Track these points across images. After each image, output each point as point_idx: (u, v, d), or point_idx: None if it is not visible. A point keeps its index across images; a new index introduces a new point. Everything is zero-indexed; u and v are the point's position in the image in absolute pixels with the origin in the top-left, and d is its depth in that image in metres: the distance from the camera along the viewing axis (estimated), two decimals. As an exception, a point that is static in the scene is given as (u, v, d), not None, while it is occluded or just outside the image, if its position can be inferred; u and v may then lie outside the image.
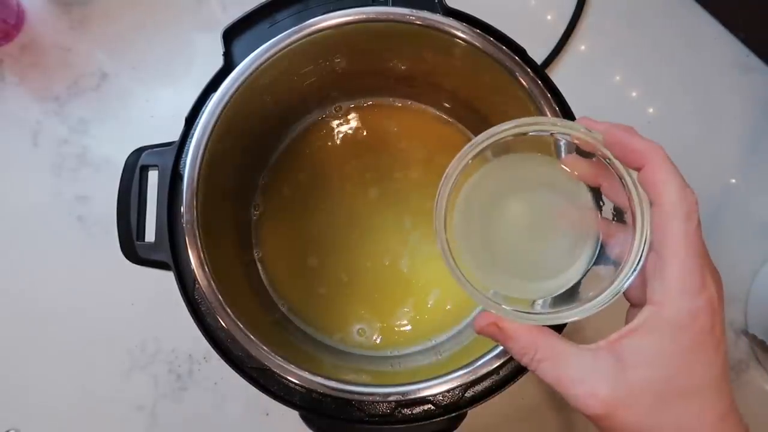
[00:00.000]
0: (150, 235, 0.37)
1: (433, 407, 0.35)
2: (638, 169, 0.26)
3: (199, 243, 0.35)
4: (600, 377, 0.24)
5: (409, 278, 0.46)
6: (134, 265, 0.37)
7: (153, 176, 0.37)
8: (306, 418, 0.35)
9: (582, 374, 0.24)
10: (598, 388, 0.24)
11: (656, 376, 0.24)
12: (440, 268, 0.46)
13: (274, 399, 0.35)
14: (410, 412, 0.35)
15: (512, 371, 0.35)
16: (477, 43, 0.37)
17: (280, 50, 0.37)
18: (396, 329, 0.45)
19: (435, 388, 0.34)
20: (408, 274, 0.46)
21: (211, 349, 0.35)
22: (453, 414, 0.35)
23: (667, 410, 0.23)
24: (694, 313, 0.23)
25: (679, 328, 0.23)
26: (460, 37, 0.37)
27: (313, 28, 0.37)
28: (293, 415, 0.35)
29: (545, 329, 0.26)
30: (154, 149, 0.37)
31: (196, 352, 0.49)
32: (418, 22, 0.37)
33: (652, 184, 0.25)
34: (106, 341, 0.49)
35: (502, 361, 0.34)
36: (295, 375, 0.35)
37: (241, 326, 0.35)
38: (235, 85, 0.37)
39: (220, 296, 0.35)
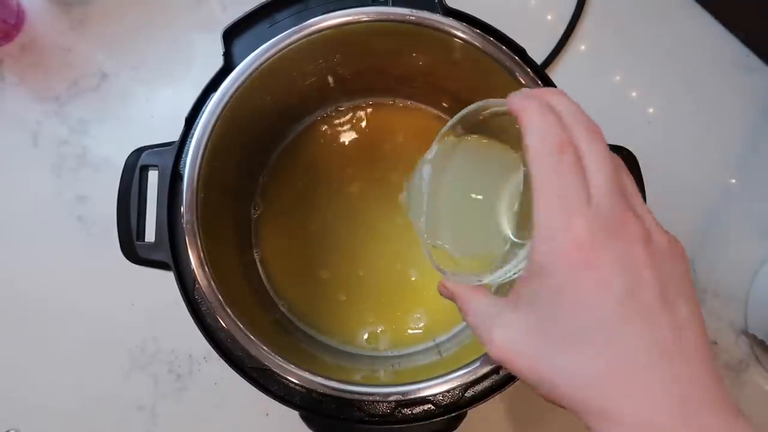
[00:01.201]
0: (150, 235, 0.37)
1: (433, 407, 0.35)
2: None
3: (199, 243, 0.35)
4: (499, 324, 0.25)
5: (410, 279, 0.46)
6: (134, 265, 0.37)
7: (153, 176, 0.37)
8: (306, 418, 0.35)
9: (489, 323, 0.25)
10: (495, 334, 0.25)
11: (537, 320, 0.23)
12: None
13: (274, 399, 0.35)
14: (410, 412, 0.35)
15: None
16: (477, 43, 0.37)
17: (280, 50, 0.37)
18: (397, 330, 0.45)
19: (435, 388, 0.34)
20: (409, 275, 0.46)
21: (211, 349, 0.35)
22: (453, 414, 0.35)
23: (557, 357, 0.23)
24: (555, 253, 0.22)
25: (546, 272, 0.23)
26: (460, 37, 0.37)
27: (313, 29, 0.37)
28: (293, 415, 0.35)
29: (478, 287, 0.28)
30: (154, 149, 0.37)
31: (196, 352, 0.49)
32: (418, 23, 0.37)
33: (522, 137, 0.25)
34: (106, 341, 0.49)
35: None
36: (295, 375, 0.35)
37: (241, 326, 0.35)
38: (235, 85, 0.37)
39: (220, 296, 0.35)
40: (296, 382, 0.35)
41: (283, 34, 0.37)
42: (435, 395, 0.34)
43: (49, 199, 0.51)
